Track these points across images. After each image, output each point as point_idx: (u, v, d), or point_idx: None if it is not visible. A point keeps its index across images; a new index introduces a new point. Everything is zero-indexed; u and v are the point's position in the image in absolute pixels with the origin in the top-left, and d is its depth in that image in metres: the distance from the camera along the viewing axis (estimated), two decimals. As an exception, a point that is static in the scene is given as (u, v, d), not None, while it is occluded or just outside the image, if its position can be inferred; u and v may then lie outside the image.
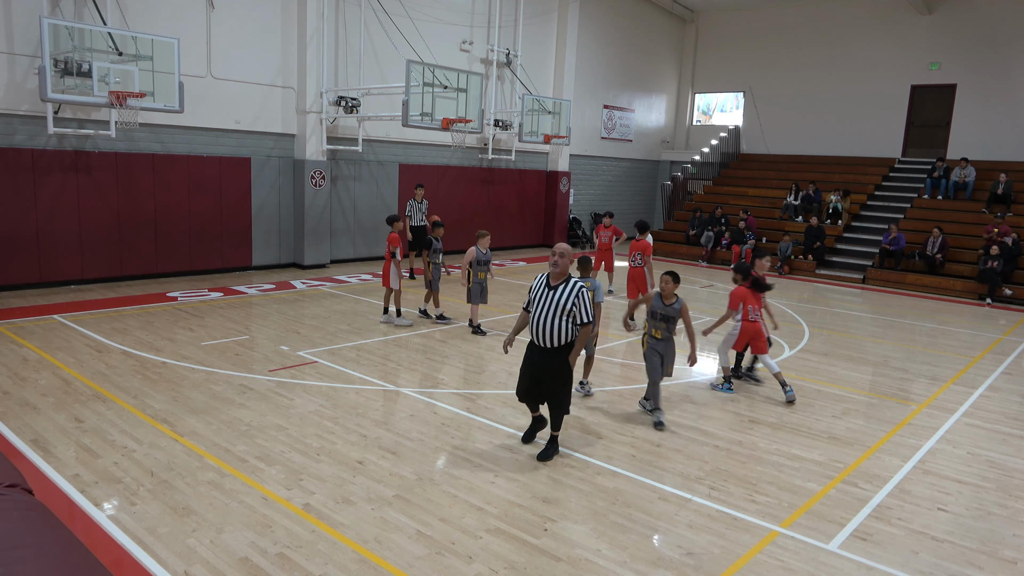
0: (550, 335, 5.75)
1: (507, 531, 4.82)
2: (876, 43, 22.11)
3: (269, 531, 4.67)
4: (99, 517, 4.75)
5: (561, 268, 5.83)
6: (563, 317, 5.72)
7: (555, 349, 5.80)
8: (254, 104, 14.30)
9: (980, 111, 20.63)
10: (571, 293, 5.73)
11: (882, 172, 21.61)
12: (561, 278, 5.85)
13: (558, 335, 5.74)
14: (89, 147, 12.20)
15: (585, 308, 5.74)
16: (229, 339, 9.37)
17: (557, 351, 5.81)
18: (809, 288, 16.60)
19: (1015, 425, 7.56)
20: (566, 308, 5.71)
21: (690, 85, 26.47)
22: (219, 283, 13.23)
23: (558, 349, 5.80)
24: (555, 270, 5.85)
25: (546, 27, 20.43)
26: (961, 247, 17.42)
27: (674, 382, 8.41)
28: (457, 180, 18.58)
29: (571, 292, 5.74)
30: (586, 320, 5.75)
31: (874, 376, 9.27)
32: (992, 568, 4.69)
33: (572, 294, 5.73)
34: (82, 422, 6.36)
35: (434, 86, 13.90)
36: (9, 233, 11.40)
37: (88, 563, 3.02)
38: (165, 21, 12.60)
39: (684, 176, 24.01)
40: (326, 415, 6.79)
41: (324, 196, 15.31)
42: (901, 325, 12.88)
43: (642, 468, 5.96)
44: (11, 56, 11.15)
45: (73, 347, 8.65)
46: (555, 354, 5.82)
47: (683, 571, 4.45)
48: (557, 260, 5.82)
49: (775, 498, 5.52)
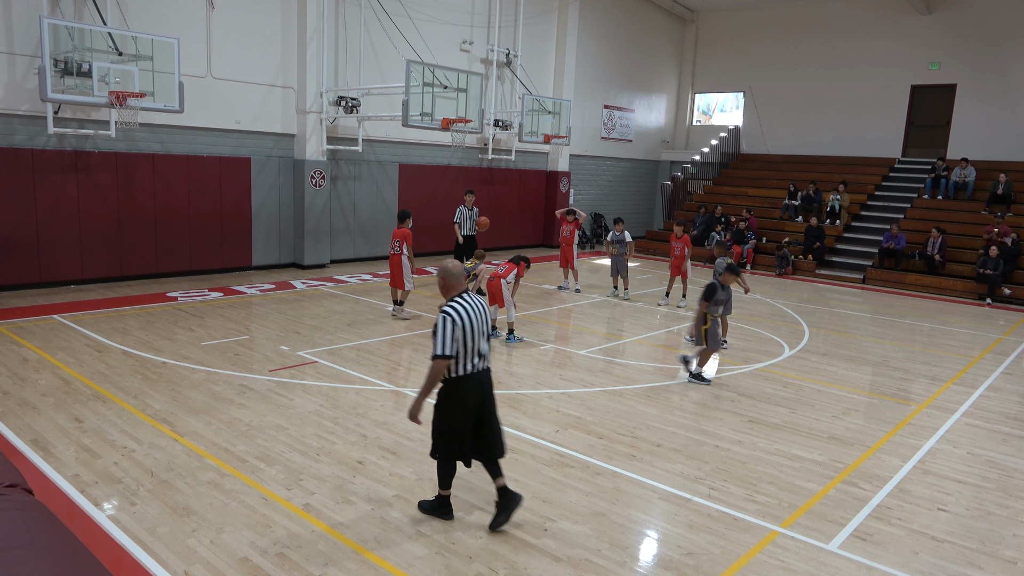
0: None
1: (507, 531, 4.82)
2: (876, 43, 22.11)
3: (269, 531, 4.67)
4: (99, 517, 4.75)
5: (440, 289, 4.87)
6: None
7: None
8: (254, 104, 14.30)
9: (980, 111, 20.63)
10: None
11: (882, 172, 21.61)
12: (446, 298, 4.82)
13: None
14: (89, 147, 12.20)
15: (433, 339, 4.58)
16: (229, 339, 9.37)
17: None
18: (809, 288, 16.60)
19: (1015, 425, 7.56)
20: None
21: (690, 85, 26.47)
22: (219, 283, 13.23)
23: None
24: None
25: (546, 27, 20.43)
26: (961, 247, 17.43)
27: (674, 382, 8.44)
28: (457, 180, 18.57)
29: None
30: (433, 352, 4.57)
31: (874, 376, 9.27)
32: (992, 568, 4.69)
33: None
34: (82, 422, 6.36)
35: (434, 86, 13.90)
36: (9, 233, 11.40)
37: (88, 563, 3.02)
38: (165, 21, 12.60)
39: (684, 176, 24.01)
40: (326, 415, 6.79)
41: (324, 196, 15.31)
42: (901, 325, 12.88)
43: (642, 468, 5.95)
44: (11, 56, 11.15)
45: (73, 347, 8.64)
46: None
47: (683, 571, 4.45)
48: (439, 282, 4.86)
49: (775, 498, 5.52)
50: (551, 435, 6.57)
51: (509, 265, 10.03)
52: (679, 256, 12.92)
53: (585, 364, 9.07)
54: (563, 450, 6.23)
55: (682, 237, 12.91)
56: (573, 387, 8.06)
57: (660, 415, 7.27)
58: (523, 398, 7.59)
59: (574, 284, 14.24)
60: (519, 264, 10.10)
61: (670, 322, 11.92)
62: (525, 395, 7.70)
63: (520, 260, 10.17)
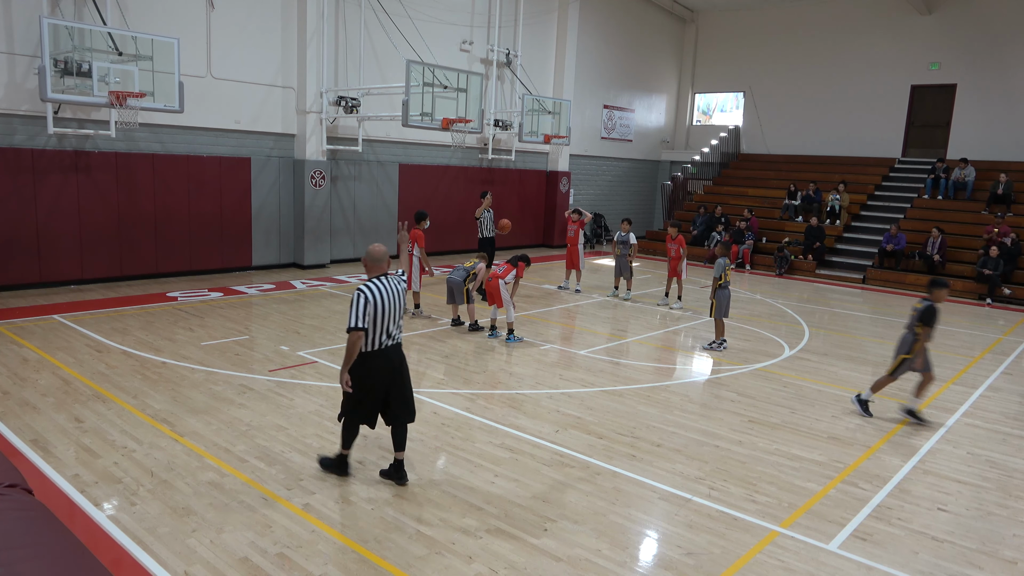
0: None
1: (507, 531, 4.82)
2: (876, 43, 22.10)
3: (269, 531, 4.67)
4: (99, 517, 4.75)
5: (365, 269, 5.34)
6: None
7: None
8: (254, 104, 14.30)
9: (980, 111, 20.62)
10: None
11: (882, 172, 21.61)
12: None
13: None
14: (89, 147, 12.20)
15: (349, 312, 5.10)
16: (229, 339, 9.37)
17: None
18: (809, 288, 16.60)
19: (1015, 425, 7.56)
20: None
21: (690, 85, 26.47)
22: (219, 283, 13.23)
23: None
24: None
25: (546, 27, 20.43)
26: (961, 247, 17.42)
27: (675, 382, 8.42)
28: (457, 180, 18.57)
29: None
30: (347, 325, 5.08)
31: (874, 376, 9.24)
32: (992, 568, 4.69)
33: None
34: (82, 422, 6.36)
35: (434, 86, 13.90)
36: (9, 233, 11.40)
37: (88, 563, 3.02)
38: (165, 21, 12.60)
39: (684, 176, 24.00)
40: (326, 415, 6.79)
41: (324, 196, 15.31)
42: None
43: (642, 468, 5.96)
44: (11, 56, 11.15)
45: (73, 347, 8.64)
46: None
47: (683, 571, 4.45)
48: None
49: (775, 498, 5.52)
50: (551, 435, 6.57)
51: (508, 266, 10.04)
52: (675, 257, 12.88)
53: (585, 364, 9.07)
54: (563, 450, 6.23)
55: (677, 238, 12.84)
56: (573, 387, 8.07)
57: (660, 415, 7.27)
58: (523, 398, 7.59)
59: (575, 284, 14.24)
60: (518, 264, 10.11)
61: (670, 322, 11.92)
62: (525, 395, 7.70)
63: (520, 260, 10.18)
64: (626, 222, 13.57)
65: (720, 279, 9.86)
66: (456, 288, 10.36)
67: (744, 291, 15.22)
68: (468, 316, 10.47)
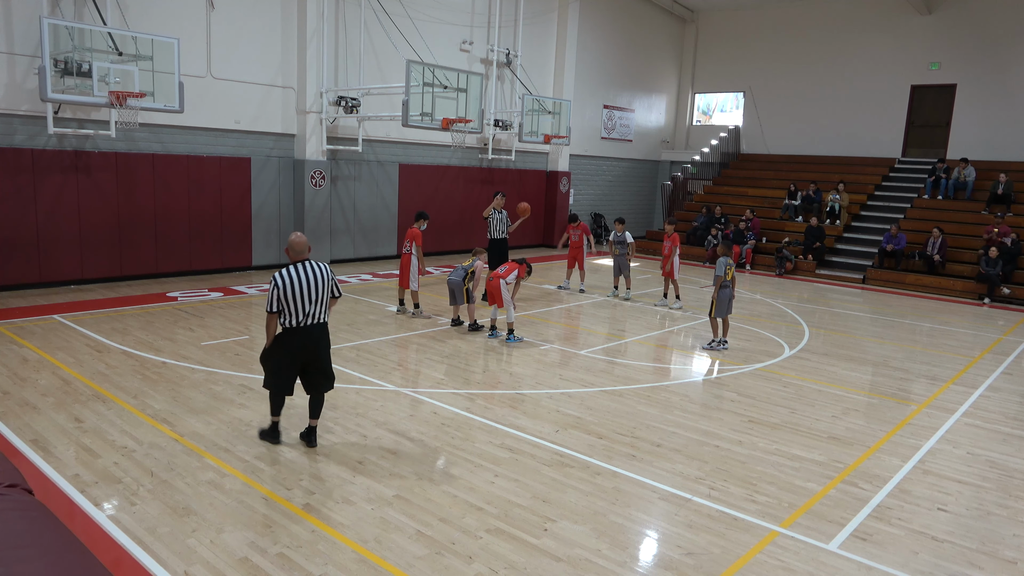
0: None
1: (507, 531, 4.82)
2: (876, 43, 22.10)
3: (269, 531, 4.67)
4: (99, 517, 4.75)
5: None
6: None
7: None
8: (254, 104, 14.30)
9: (980, 111, 20.62)
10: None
11: (882, 172, 21.60)
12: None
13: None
14: (89, 147, 12.20)
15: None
16: (229, 339, 9.37)
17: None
18: (809, 288, 16.60)
19: (1015, 425, 7.56)
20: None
21: (690, 85, 26.47)
22: (219, 283, 13.23)
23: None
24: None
25: (546, 27, 20.43)
26: (961, 247, 17.42)
27: (674, 382, 8.42)
28: (457, 180, 18.58)
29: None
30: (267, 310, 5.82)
31: (874, 376, 9.27)
32: (992, 568, 4.69)
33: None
34: (82, 422, 6.36)
35: (434, 86, 13.90)
36: (9, 233, 11.40)
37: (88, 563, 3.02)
38: (165, 21, 12.60)
39: (684, 176, 24.00)
40: (326, 415, 6.78)
41: (324, 196, 15.31)
42: (901, 325, 12.88)
43: (642, 468, 5.96)
44: (11, 56, 11.15)
45: (73, 347, 8.64)
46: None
47: (683, 571, 4.45)
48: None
49: (775, 498, 5.52)
50: (551, 435, 6.57)
51: (510, 265, 10.04)
52: (666, 255, 12.71)
53: (585, 364, 9.07)
54: (563, 450, 6.23)
55: (671, 236, 12.69)
56: (573, 387, 8.07)
57: (660, 415, 7.27)
58: (523, 398, 7.59)
59: (579, 284, 14.25)
60: (520, 265, 10.10)
61: (670, 322, 11.92)
62: (525, 395, 7.70)
63: (523, 262, 10.17)
64: (619, 222, 13.51)
65: (723, 278, 9.86)
66: (457, 289, 10.36)
67: (744, 291, 15.21)
68: (468, 316, 10.47)
